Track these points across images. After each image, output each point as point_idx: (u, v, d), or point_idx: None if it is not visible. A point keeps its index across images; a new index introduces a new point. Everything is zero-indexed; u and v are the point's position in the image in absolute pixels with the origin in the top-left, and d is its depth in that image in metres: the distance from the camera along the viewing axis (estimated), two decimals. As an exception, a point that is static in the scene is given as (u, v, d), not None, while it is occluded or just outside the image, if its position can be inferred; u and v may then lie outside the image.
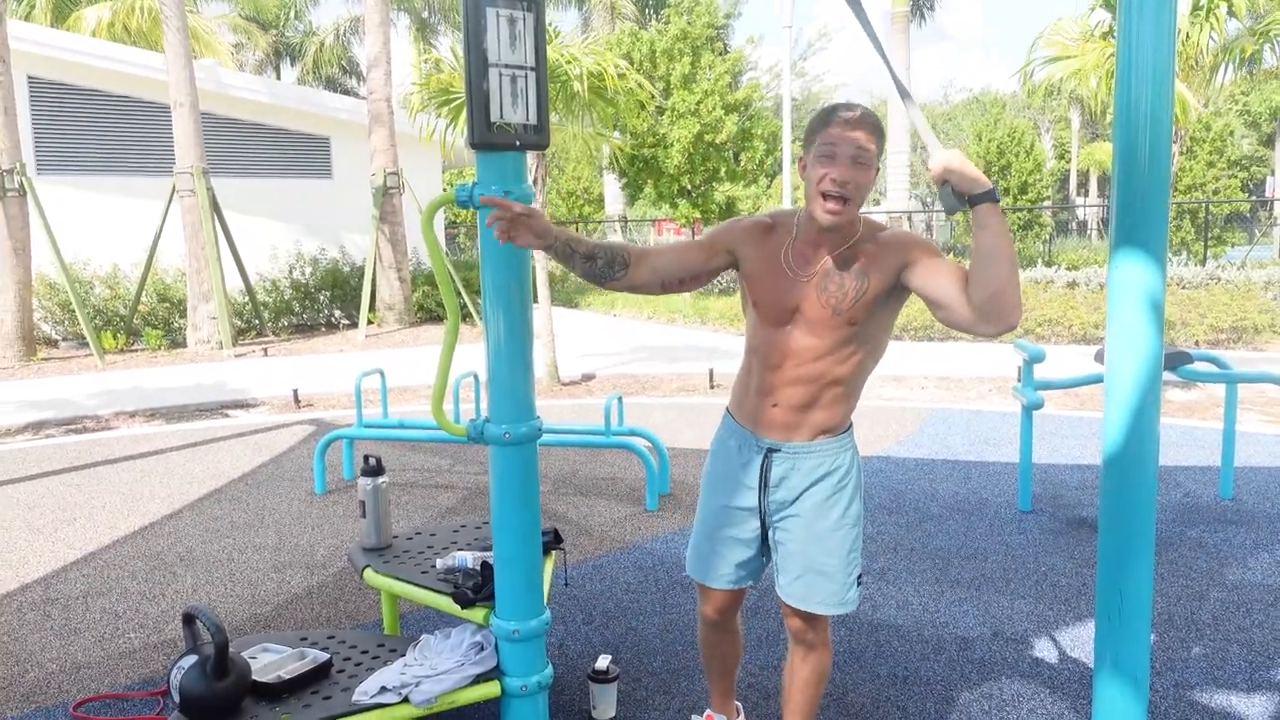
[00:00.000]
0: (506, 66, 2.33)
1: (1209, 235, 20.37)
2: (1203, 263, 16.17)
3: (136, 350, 11.86)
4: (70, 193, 12.89)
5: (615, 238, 24.00)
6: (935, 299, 2.04)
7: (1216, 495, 5.04)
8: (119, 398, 8.60)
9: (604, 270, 2.26)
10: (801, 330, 2.16)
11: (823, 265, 2.15)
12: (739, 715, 2.76)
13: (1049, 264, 16.43)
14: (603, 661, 2.90)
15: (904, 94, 2.04)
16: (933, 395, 8.23)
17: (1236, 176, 23.01)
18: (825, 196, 2.05)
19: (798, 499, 2.26)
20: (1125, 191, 2.16)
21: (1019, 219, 21.50)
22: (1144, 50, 2.12)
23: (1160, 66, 2.13)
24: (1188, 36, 9.82)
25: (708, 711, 2.71)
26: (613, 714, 2.88)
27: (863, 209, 2.16)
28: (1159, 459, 2.14)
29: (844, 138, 2.04)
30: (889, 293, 2.15)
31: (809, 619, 2.32)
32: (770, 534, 2.34)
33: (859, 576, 2.33)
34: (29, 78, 12.66)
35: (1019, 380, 4.89)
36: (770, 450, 2.26)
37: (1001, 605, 3.69)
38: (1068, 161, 38.08)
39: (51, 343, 12.29)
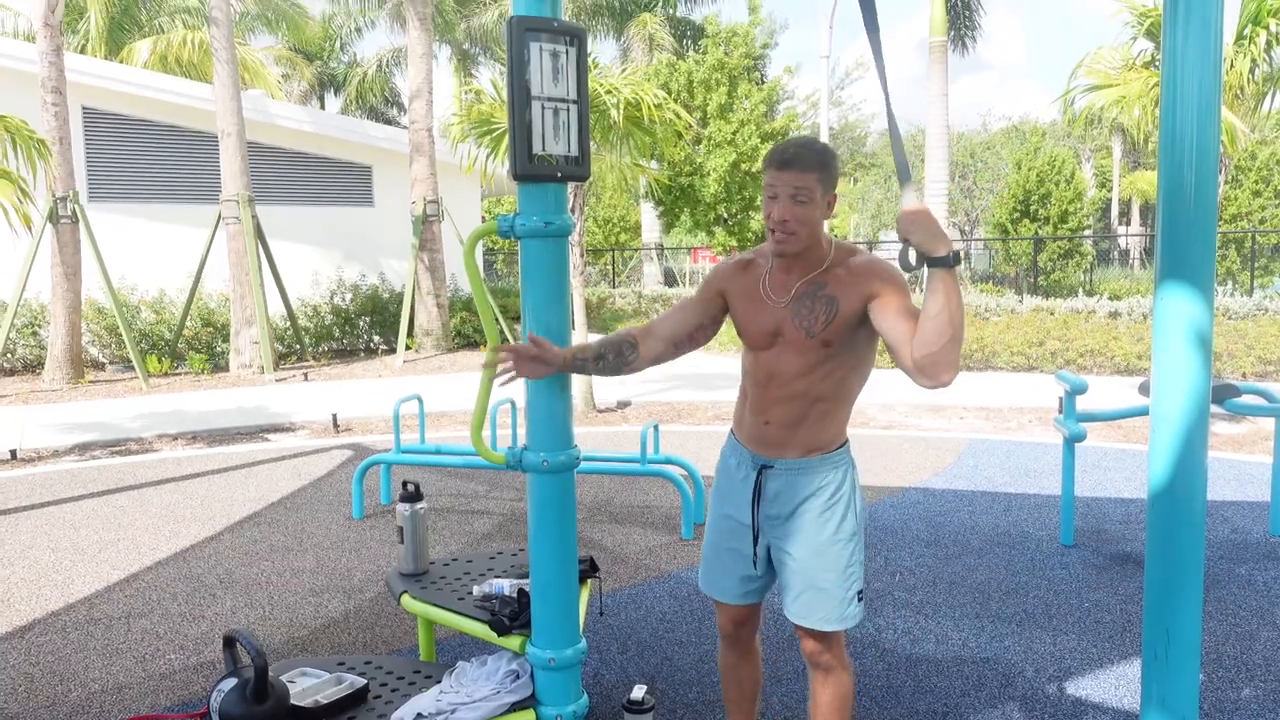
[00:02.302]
0: (549, 99, 2.36)
1: (1255, 265, 19.99)
2: (1249, 293, 15.88)
3: (180, 374, 12.08)
4: (120, 219, 13.21)
5: (651, 266, 24.07)
6: (884, 337, 2.17)
7: (1266, 532, 4.92)
8: (162, 420, 8.75)
9: (616, 362, 2.41)
10: (783, 351, 2.28)
11: (796, 291, 2.27)
12: None
13: (1090, 293, 16.22)
14: (638, 692, 2.88)
15: (895, 132, 2.19)
16: (971, 425, 8.13)
17: (1283, 205, 22.60)
18: (772, 233, 2.23)
19: (791, 515, 2.33)
20: (1171, 223, 2.14)
21: (1059, 248, 21.26)
22: (1189, 80, 2.10)
23: (1205, 96, 2.11)
24: (1232, 64, 9.71)
25: None
26: (647, 745, 2.86)
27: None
28: (1207, 494, 2.10)
29: (779, 179, 2.19)
30: (860, 317, 2.22)
31: (820, 639, 2.36)
32: (770, 552, 2.40)
33: (859, 593, 2.36)
34: (83, 108, 13.03)
35: (1060, 411, 4.82)
36: (764, 466, 2.35)
37: (1044, 641, 3.62)
38: (1109, 190, 37.67)
39: (99, 366, 12.55)
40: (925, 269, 2.05)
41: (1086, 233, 23.00)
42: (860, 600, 2.36)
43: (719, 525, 2.47)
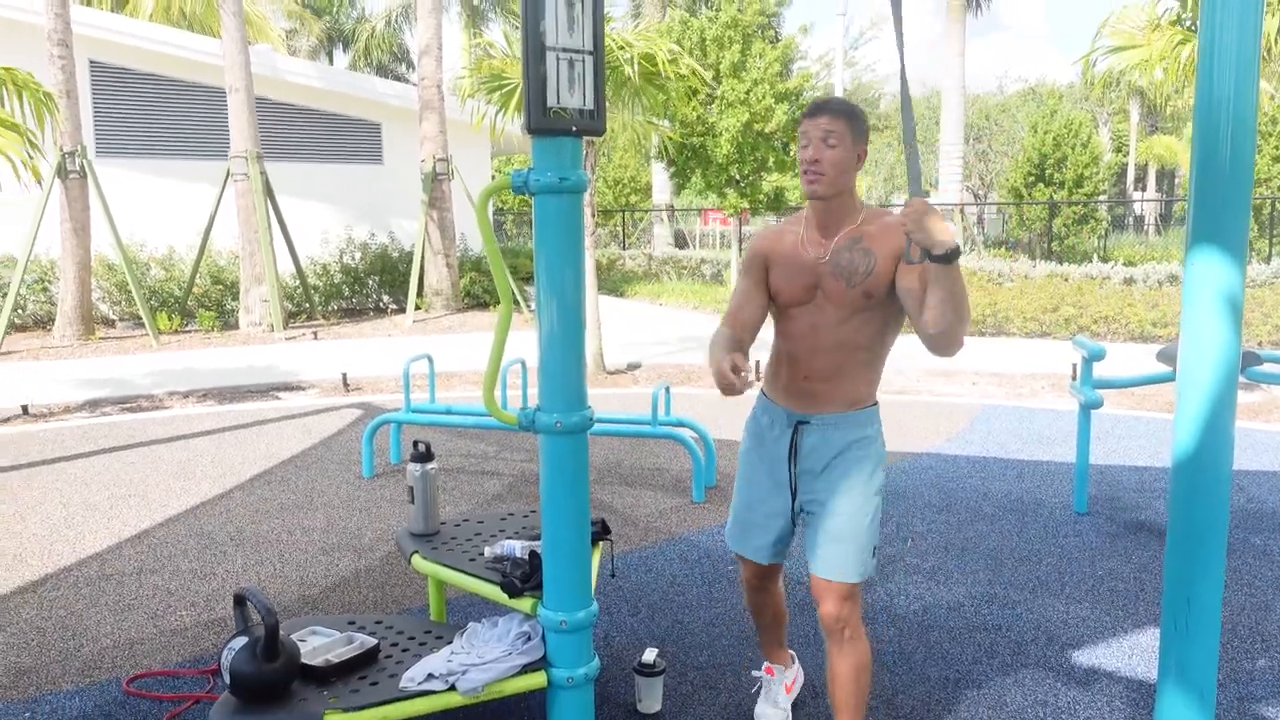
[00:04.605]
0: (564, 50, 2.29)
1: (1274, 232, 19.74)
2: (1267, 260, 15.70)
3: (190, 331, 12.08)
4: (128, 175, 13.14)
5: (661, 227, 23.92)
6: (902, 298, 2.31)
7: (1282, 501, 4.88)
8: (172, 378, 8.76)
9: None
10: (823, 304, 2.38)
11: (833, 246, 2.38)
12: (794, 662, 2.93)
13: (1104, 260, 16.06)
14: (649, 654, 2.87)
15: (908, 116, 2.53)
16: (984, 391, 8.08)
17: (1303, 172, 22.19)
18: (804, 172, 2.36)
19: (825, 469, 2.42)
20: (1204, 187, 2.07)
21: (1074, 213, 21.02)
22: (1227, 41, 2.03)
23: (1244, 57, 2.03)
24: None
25: (766, 664, 2.81)
26: (658, 708, 2.85)
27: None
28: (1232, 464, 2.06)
29: (812, 125, 2.35)
30: (893, 271, 2.33)
31: (840, 604, 2.38)
32: (799, 506, 2.48)
33: (875, 547, 2.44)
34: (90, 62, 12.91)
35: (1075, 378, 4.77)
36: (800, 423, 2.44)
37: (1057, 609, 3.60)
38: (1125, 155, 37.19)
39: (109, 323, 12.56)
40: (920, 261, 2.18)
41: (1102, 198, 22.71)
42: (875, 555, 2.44)
43: (752, 485, 2.54)
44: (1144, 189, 38.01)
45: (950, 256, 2.08)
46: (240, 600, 2.42)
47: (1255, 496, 4.96)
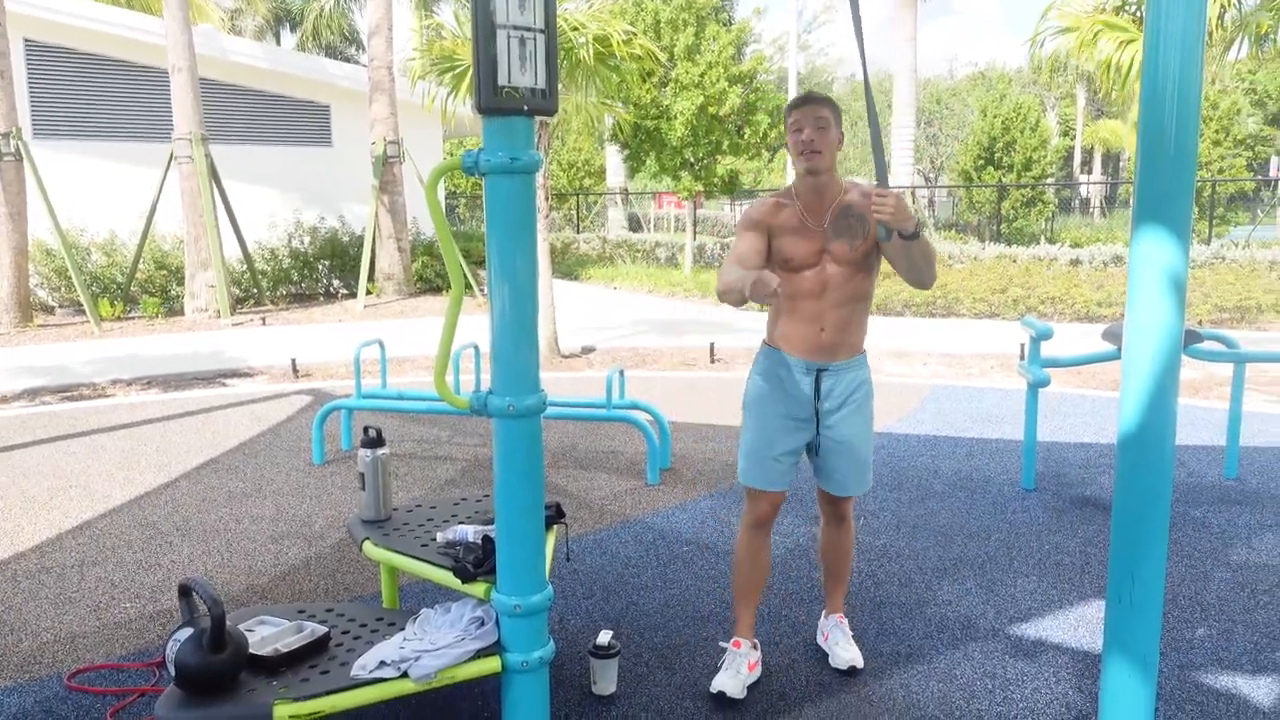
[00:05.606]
0: (515, 28, 2.25)
1: (1213, 214, 20.23)
2: (1207, 242, 16.09)
3: (133, 318, 11.80)
4: (67, 158, 12.76)
5: (616, 211, 23.84)
6: (886, 255, 2.76)
7: (1221, 475, 5.01)
8: (115, 365, 8.55)
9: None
10: (831, 264, 2.76)
11: (830, 215, 2.76)
12: (756, 648, 2.99)
13: (1052, 241, 16.34)
14: (604, 636, 2.87)
15: (874, 120, 2.66)
16: (935, 371, 8.19)
17: (1241, 155, 22.77)
18: (801, 154, 2.74)
19: (841, 407, 2.86)
20: (1149, 166, 2.10)
21: (1022, 195, 21.34)
22: (1173, 22, 2.05)
23: (1189, 38, 2.05)
24: (1200, 11, 9.66)
25: (735, 638, 2.93)
26: (613, 689, 2.85)
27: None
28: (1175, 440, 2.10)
29: (803, 113, 2.74)
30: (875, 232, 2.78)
31: (848, 505, 3.01)
32: (819, 439, 2.87)
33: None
34: (26, 40, 12.50)
35: (1023, 357, 4.84)
36: (820, 370, 2.82)
37: (1005, 584, 3.66)
38: (1072, 139, 37.84)
39: (48, 310, 12.22)
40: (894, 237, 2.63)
41: (1049, 181, 23.09)
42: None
43: (772, 427, 2.86)
44: (1090, 172, 38.73)
45: (917, 233, 2.60)
46: (185, 591, 2.36)
47: (1195, 471, 5.09)
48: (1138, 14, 10.29)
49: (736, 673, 2.85)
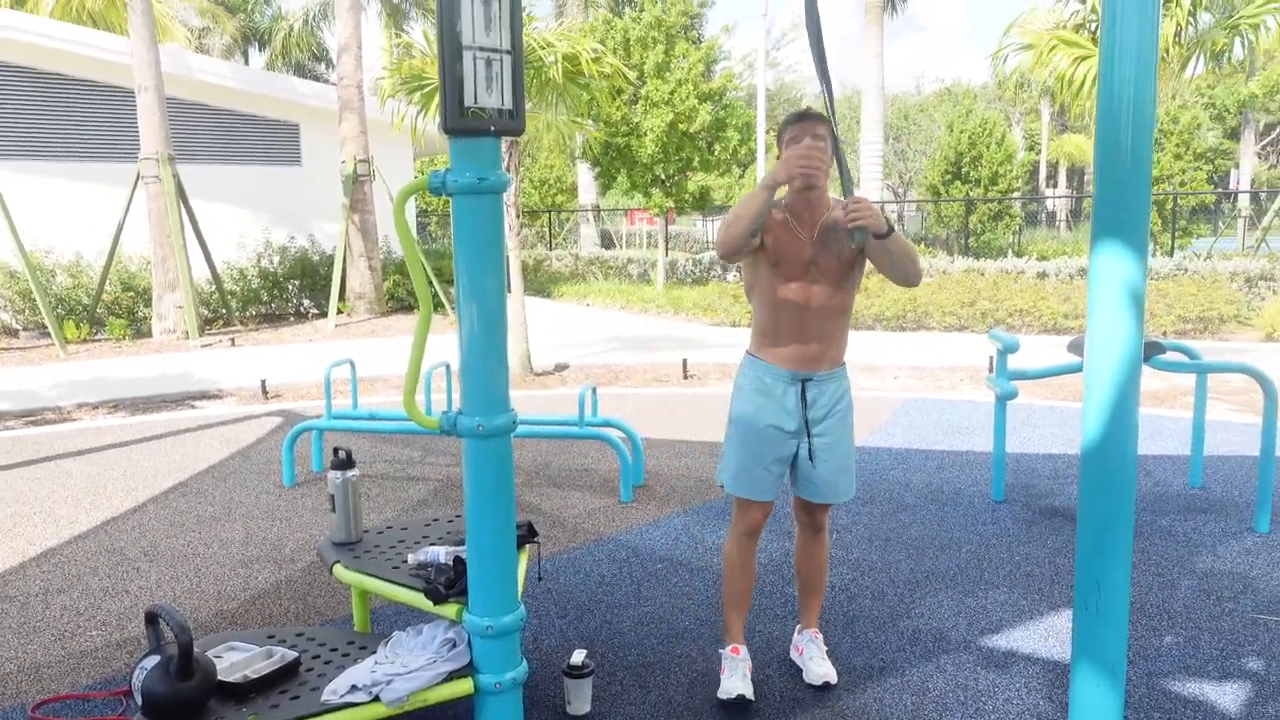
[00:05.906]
0: (481, 49, 2.27)
1: (1176, 226, 20.60)
2: (1170, 254, 16.37)
3: (100, 340, 11.64)
4: (31, 179, 12.61)
5: (588, 227, 23.87)
6: (872, 259, 2.84)
7: (1186, 484, 5.08)
8: (81, 389, 8.43)
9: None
10: (818, 277, 2.83)
11: (819, 228, 2.83)
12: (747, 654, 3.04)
13: (1019, 254, 16.55)
14: (578, 656, 2.85)
15: (832, 122, 2.83)
16: (905, 385, 8.25)
17: (1202, 169, 23.21)
18: (803, 169, 2.71)
19: (825, 416, 2.91)
20: (1106, 180, 2.14)
21: (989, 209, 21.62)
22: (1128, 36, 2.09)
23: (1143, 53, 2.10)
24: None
25: (733, 645, 2.98)
26: (588, 709, 2.84)
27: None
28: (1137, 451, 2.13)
29: (802, 128, 2.82)
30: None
31: (827, 509, 3.05)
32: (804, 448, 2.91)
33: None
34: (-13, 60, 12.36)
35: (991, 370, 4.90)
36: (805, 380, 2.88)
37: (976, 595, 3.69)
38: (1038, 153, 38.40)
39: (11, 332, 12.04)
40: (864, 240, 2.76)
41: (1015, 195, 23.40)
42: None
43: (761, 438, 2.89)
44: (1055, 185, 39.32)
45: (889, 233, 2.69)
46: (152, 618, 2.33)
47: (1160, 480, 5.16)
48: (1097, 33, 10.49)
49: (744, 676, 2.91)
